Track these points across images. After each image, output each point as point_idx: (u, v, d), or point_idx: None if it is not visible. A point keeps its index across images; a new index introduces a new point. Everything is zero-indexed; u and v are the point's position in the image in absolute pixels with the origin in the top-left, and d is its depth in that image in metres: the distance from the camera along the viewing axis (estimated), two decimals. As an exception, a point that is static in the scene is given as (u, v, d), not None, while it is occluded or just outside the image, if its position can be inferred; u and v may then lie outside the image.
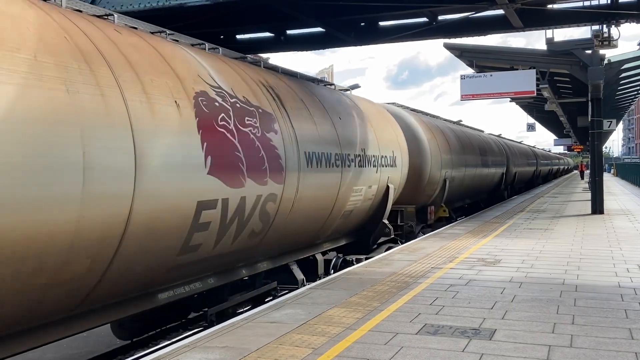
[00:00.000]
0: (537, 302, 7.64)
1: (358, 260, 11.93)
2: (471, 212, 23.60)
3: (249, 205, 7.94)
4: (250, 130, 8.06)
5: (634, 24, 16.25)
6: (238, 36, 17.47)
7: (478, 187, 25.89)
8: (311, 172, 9.57)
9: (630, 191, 38.00)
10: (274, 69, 10.92)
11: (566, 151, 79.54)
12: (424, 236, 15.28)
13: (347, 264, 12.00)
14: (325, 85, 13.29)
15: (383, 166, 13.00)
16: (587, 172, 48.59)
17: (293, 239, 10.07)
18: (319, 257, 11.59)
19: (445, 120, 24.95)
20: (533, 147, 63.46)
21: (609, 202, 24.89)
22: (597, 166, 21.52)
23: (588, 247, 12.53)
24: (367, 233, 13.36)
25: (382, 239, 13.75)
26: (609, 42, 17.25)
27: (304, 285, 9.90)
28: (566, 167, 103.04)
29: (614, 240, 13.57)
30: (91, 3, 11.72)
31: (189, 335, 8.38)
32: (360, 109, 13.01)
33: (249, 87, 8.69)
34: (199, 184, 6.89)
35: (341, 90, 14.12)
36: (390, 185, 13.46)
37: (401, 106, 19.02)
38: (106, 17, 7.25)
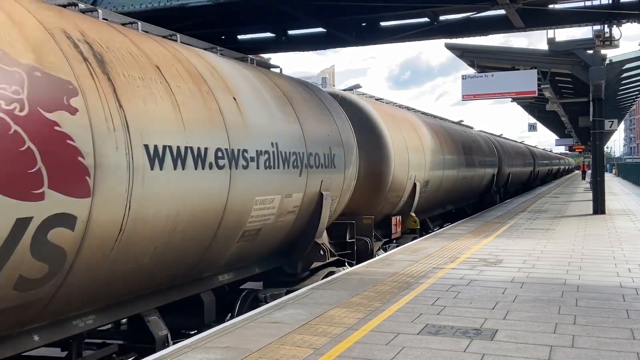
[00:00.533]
0: (538, 303, 7.64)
1: (273, 297, 8.99)
2: (457, 219, 20.55)
3: None
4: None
5: (635, 24, 16.28)
6: (239, 36, 17.49)
7: (462, 192, 22.50)
8: (164, 174, 6.30)
9: (631, 191, 37.98)
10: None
11: (567, 151, 79.42)
12: (425, 236, 15.27)
13: (257, 302, 9.11)
14: (219, 51, 9.50)
15: (313, 167, 9.62)
16: (589, 172, 48.39)
17: (136, 279, 6.60)
18: (207, 298, 8.07)
19: (423, 113, 21.04)
20: (534, 146, 62.91)
21: (610, 202, 24.88)
22: (599, 166, 21.51)
23: (590, 247, 12.52)
24: (294, 257, 10.25)
25: (317, 264, 10.71)
26: (610, 42, 17.25)
27: (168, 345, 6.89)
28: (567, 167, 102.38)
29: (615, 241, 13.56)
30: (92, 4, 11.73)
31: (190, 336, 8.37)
32: (279, 88, 9.62)
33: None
34: None
35: (259, 62, 10.47)
36: (326, 193, 10.13)
37: (362, 94, 16.05)
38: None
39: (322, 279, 10.08)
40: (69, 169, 5.17)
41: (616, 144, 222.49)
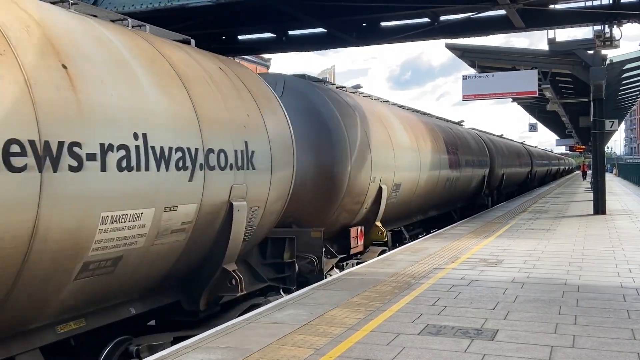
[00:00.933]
0: (539, 303, 7.64)
1: (150, 349, 6.70)
2: (443, 226, 18.27)
3: None
4: None
5: (636, 24, 16.26)
6: (240, 37, 17.49)
7: (446, 195, 19.71)
8: None
9: (632, 191, 37.97)
10: None
11: (568, 151, 79.40)
12: (425, 237, 15.27)
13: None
14: None
15: (215, 168, 7.09)
16: (589, 172, 48.24)
17: None
18: None
19: (400, 106, 18.21)
20: (534, 146, 62.48)
21: (611, 202, 24.87)
22: (599, 166, 21.50)
23: (590, 248, 12.51)
24: (196, 289, 7.68)
25: (234, 297, 8.12)
26: (610, 42, 17.25)
27: None
28: (568, 168, 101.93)
29: (616, 241, 13.55)
30: (93, 4, 11.74)
31: (191, 336, 8.37)
32: (167, 60, 6.97)
33: None
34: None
35: (153, 29, 7.86)
36: (239, 204, 7.56)
37: (312, 79, 12.93)
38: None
39: (241, 314, 7.98)
40: None
41: (617, 144, 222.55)
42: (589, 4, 15.52)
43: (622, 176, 72.48)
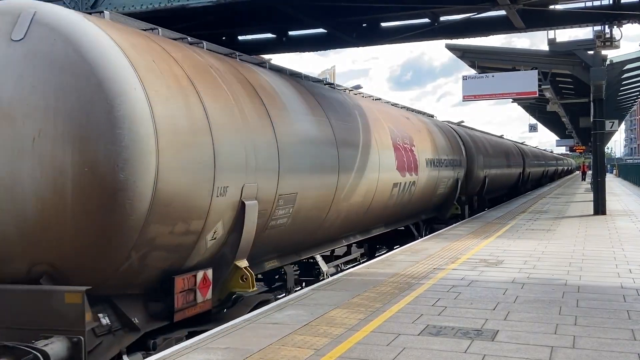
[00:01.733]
0: (539, 303, 7.64)
1: None
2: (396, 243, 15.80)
3: None
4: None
5: (636, 24, 16.26)
6: (240, 37, 17.50)
7: (398, 207, 14.66)
8: None
9: (632, 192, 37.96)
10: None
11: (568, 152, 79.39)
12: (426, 237, 15.26)
13: None
14: None
15: None
16: (589, 172, 48.03)
17: None
18: None
19: (295, 75, 11.24)
20: (522, 143, 59.60)
21: (611, 202, 24.87)
22: (600, 167, 21.50)
23: (590, 248, 12.51)
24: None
25: None
26: (611, 42, 17.25)
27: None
28: (568, 168, 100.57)
29: (616, 241, 13.55)
30: (93, 5, 11.74)
31: (204, 330, 8.36)
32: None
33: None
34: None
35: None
36: None
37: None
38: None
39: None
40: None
41: (617, 144, 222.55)
42: (589, 4, 15.53)
43: (622, 177, 72.47)
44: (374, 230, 14.06)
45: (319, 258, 11.35)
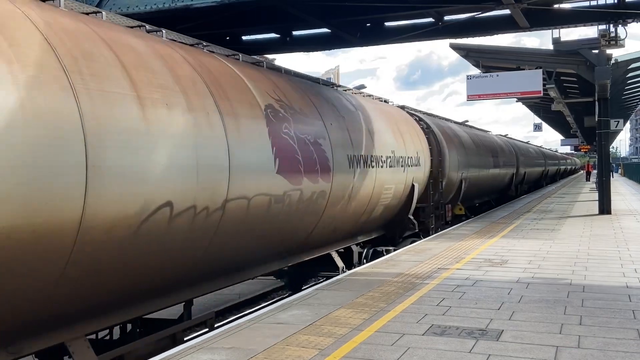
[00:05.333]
0: (544, 303, 7.62)
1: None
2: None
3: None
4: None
5: (641, 23, 16.20)
6: (244, 37, 17.50)
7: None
8: None
9: (637, 191, 37.85)
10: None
11: (573, 151, 79.20)
12: (430, 237, 15.24)
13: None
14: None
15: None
16: (594, 172, 47.69)
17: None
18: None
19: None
20: (505, 135, 54.50)
21: (616, 202, 24.79)
22: (605, 166, 21.44)
23: (595, 248, 12.47)
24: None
25: None
26: (615, 41, 17.20)
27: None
28: (572, 168, 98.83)
29: (621, 241, 13.51)
30: (97, 6, 11.76)
31: (196, 336, 8.36)
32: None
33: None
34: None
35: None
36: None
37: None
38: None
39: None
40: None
41: (622, 143, 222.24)
42: (593, 3, 15.47)
43: (627, 176, 72.27)
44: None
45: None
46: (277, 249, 9.59)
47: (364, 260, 13.02)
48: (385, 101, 16.80)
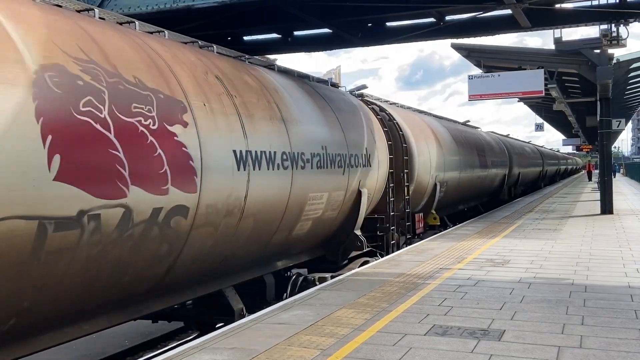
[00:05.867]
0: (546, 303, 7.61)
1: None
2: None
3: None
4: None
5: (642, 23, 16.19)
6: (245, 37, 17.51)
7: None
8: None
9: (639, 191, 37.80)
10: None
11: (575, 151, 79.08)
12: (432, 237, 15.23)
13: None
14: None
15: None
16: (595, 172, 47.44)
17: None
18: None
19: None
20: (469, 123, 51.47)
21: (618, 202, 24.78)
22: (607, 166, 21.42)
23: (597, 248, 12.46)
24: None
25: None
26: (617, 41, 17.19)
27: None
28: (574, 168, 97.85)
29: (623, 241, 13.49)
30: (99, 6, 11.77)
31: (197, 337, 8.37)
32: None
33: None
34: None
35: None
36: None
37: None
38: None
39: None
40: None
41: (624, 143, 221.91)
42: (595, 3, 15.46)
43: (629, 176, 72.18)
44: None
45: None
46: (100, 298, 6.29)
47: (296, 290, 10.07)
48: (334, 85, 13.39)
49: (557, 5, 15.31)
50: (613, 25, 16.87)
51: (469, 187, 21.37)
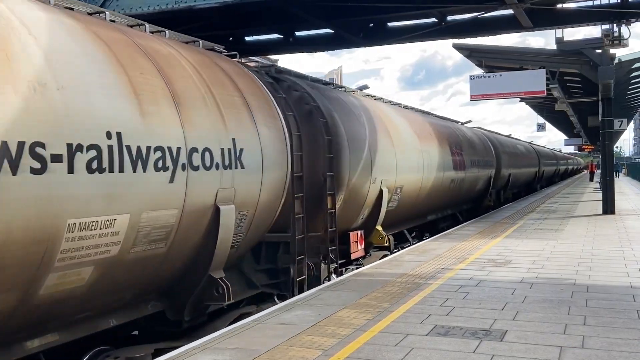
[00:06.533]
0: (548, 303, 7.60)
1: None
2: None
3: None
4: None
5: (644, 23, 16.18)
6: (247, 38, 17.53)
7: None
8: None
9: (641, 191, 37.77)
10: None
11: (577, 151, 78.95)
12: (434, 237, 15.22)
13: None
14: None
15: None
16: (597, 172, 47.30)
17: None
18: None
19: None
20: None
21: (620, 202, 24.75)
22: (608, 166, 21.40)
23: (599, 248, 12.45)
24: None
25: None
26: (619, 41, 17.17)
27: None
28: (575, 168, 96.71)
29: (625, 241, 13.48)
30: (101, 6, 11.78)
31: (173, 348, 8.35)
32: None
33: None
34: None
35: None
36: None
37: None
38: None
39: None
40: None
41: (626, 143, 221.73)
42: (597, 2, 15.46)
43: (631, 176, 72.07)
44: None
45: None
46: None
47: None
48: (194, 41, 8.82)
49: (559, 5, 15.33)
50: (615, 25, 16.85)
51: (438, 193, 17.23)
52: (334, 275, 10.43)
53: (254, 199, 8.04)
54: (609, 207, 20.48)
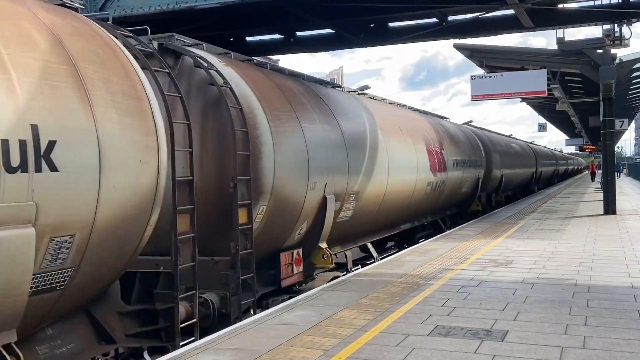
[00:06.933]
0: (549, 303, 7.60)
1: None
2: None
3: None
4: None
5: (645, 23, 16.18)
6: (248, 38, 17.53)
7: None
8: None
9: (642, 191, 37.74)
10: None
11: (578, 151, 78.89)
12: (434, 237, 15.22)
13: None
14: None
15: None
16: (599, 172, 47.26)
17: None
18: None
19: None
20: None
21: (621, 202, 24.72)
22: (609, 166, 21.39)
23: (600, 248, 12.44)
24: None
25: None
26: (620, 41, 17.15)
27: None
28: (577, 168, 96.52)
29: (626, 241, 13.47)
30: (101, 7, 11.78)
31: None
32: None
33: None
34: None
35: None
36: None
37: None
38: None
39: None
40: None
41: (627, 143, 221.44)
42: (598, 2, 15.45)
43: (632, 176, 72.02)
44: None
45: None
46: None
47: None
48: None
49: (560, 5, 15.33)
50: (616, 25, 16.84)
51: (412, 198, 14.89)
52: (251, 311, 8.23)
53: (85, 216, 5.21)
54: (610, 207, 20.47)
